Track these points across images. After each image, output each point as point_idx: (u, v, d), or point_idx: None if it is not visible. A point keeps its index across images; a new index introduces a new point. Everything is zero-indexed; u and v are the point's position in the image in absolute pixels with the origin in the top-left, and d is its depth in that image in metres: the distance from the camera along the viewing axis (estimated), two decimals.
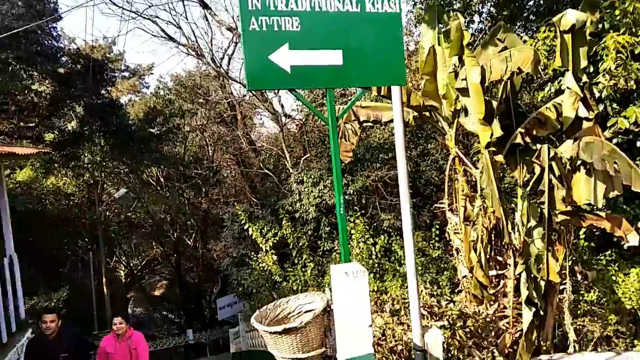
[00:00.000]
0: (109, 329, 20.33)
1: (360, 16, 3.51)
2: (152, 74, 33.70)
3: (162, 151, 24.46)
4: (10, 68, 12.04)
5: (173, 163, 25.46)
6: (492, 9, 13.02)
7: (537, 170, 6.99)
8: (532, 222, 7.16)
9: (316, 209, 10.94)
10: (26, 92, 14.62)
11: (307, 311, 3.63)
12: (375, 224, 10.63)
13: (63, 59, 19.96)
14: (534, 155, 6.71)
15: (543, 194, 6.82)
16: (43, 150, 8.85)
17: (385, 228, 10.97)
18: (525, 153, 7.24)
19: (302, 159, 12.80)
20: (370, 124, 9.27)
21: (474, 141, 11.33)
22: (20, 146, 22.17)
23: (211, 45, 17.71)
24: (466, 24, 6.78)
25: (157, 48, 61.00)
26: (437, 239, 9.46)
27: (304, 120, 14.35)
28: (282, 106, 14.98)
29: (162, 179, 27.93)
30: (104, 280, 24.33)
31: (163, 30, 16.65)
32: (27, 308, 12.41)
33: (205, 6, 16.15)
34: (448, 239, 8.20)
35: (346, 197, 10.95)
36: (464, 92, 7.24)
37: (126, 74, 33.25)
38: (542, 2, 10.07)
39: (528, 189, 7.26)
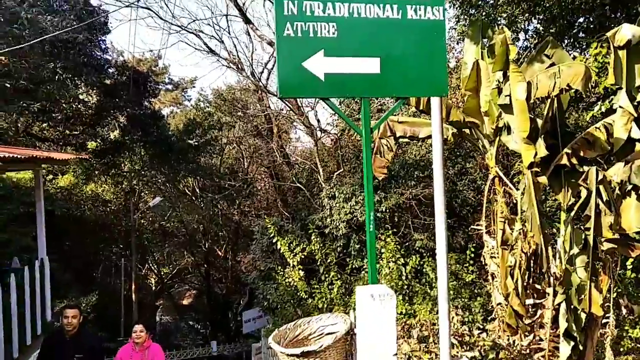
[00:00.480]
0: None
1: (401, 23, 3.33)
2: (194, 87, 34.49)
3: (199, 162, 24.89)
4: (57, 77, 12.45)
5: (209, 174, 25.82)
6: (538, 25, 12.65)
7: (584, 193, 6.57)
8: (575, 249, 6.72)
9: (346, 226, 10.71)
10: (72, 101, 15.12)
11: (328, 333, 3.41)
12: (407, 244, 10.30)
13: (110, 70, 20.71)
14: (581, 178, 6.30)
15: (589, 219, 6.38)
16: (79, 157, 9.00)
17: (417, 248, 10.62)
18: (571, 175, 6.83)
19: (335, 174, 12.63)
20: (406, 139, 9.04)
21: (515, 161, 10.90)
22: (61, 152, 22.99)
23: (251, 59, 18.05)
24: (512, 40, 6.47)
25: (199, 61, 62.67)
26: (471, 262, 9.06)
27: (339, 134, 14.21)
28: (318, 120, 14.93)
29: (197, 190, 28.31)
30: (133, 287, 24.67)
31: (206, 44, 16.97)
32: (57, 312, 12.60)
33: (247, 21, 16.39)
34: (483, 263, 7.81)
35: (378, 214, 10.69)
36: (507, 108, 6.92)
37: (169, 86, 34.17)
38: (592, 18, 9.65)
39: (572, 213, 6.84)
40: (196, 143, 24.72)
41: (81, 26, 11.97)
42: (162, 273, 31.43)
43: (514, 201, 7.35)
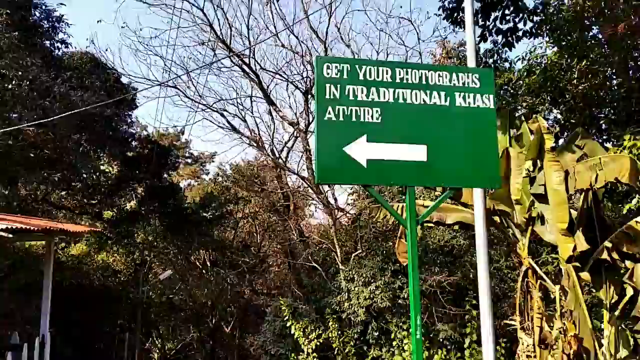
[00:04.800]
0: None
1: (449, 110, 3.20)
2: (213, 161, 35.03)
3: (212, 235, 24.64)
4: (81, 149, 12.66)
5: (222, 248, 25.47)
6: (559, 115, 12.68)
7: (629, 291, 6.12)
8: (624, 352, 6.15)
9: (365, 312, 10.15)
10: (94, 171, 15.34)
11: None
12: (430, 335, 9.66)
13: (133, 143, 21.22)
14: (626, 275, 5.89)
15: (638, 321, 5.90)
16: (93, 230, 8.82)
17: (440, 340, 9.93)
18: (612, 271, 6.42)
19: (353, 255, 12.22)
20: (431, 224, 8.75)
21: (542, 250, 10.44)
22: (79, 221, 23.06)
23: (272, 137, 18.27)
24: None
25: (221, 137, 64.57)
26: (502, 358, 8.38)
27: (357, 214, 13.94)
28: (336, 200, 14.72)
29: (208, 263, 27.83)
30: None
31: (229, 122, 17.33)
32: None
33: (270, 102, 16.86)
34: None
35: (400, 301, 10.14)
36: (542, 198, 6.68)
37: (189, 160, 34.82)
38: (619, 110, 9.61)
39: (617, 312, 6.34)
40: (211, 216, 24.66)
41: (110, 103, 12.33)
42: (166, 348, 30.14)
43: (551, 296, 6.88)
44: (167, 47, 44.45)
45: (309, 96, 15.77)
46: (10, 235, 4.84)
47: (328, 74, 3.16)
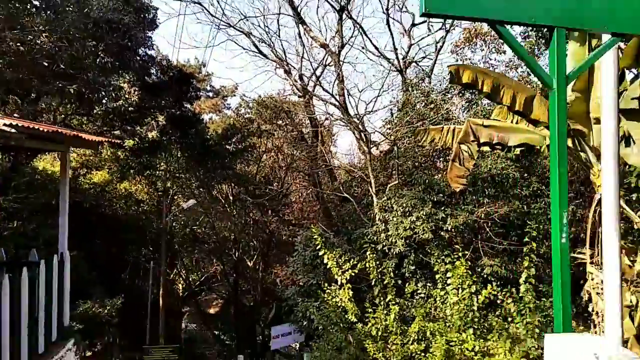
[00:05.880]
0: (159, 343, 19.38)
1: None
2: (234, 95, 34.06)
3: (235, 169, 24.16)
4: (98, 61, 11.74)
5: (244, 181, 25.07)
6: None
7: None
8: None
9: (404, 243, 9.39)
10: (114, 94, 14.49)
11: None
12: (478, 269, 8.91)
13: (153, 70, 20.34)
14: None
15: None
16: (109, 140, 8.08)
17: (484, 275, 9.19)
18: None
19: (389, 185, 11.35)
20: (488, 147, 7.74)
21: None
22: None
23: (301, 62, 17.07)
24: None
25: (245, 65, 62.72)
26: None
27: (393, 143, 12.95)
28: (367, 131, 13.64)
29: (230, 197, 27.56)
30: (161, 292, 23.87)
31: (255, 45, 16.08)
32: (80, 312, 11.68)
33: (301, 21, 15.53)
34: (586, 299, 6.39)
35: (442, 233, 9.34)
36: (632, 115, 5.57)
37: (210, 93, 33.96)
38: None
39: None
40: (234, 149, 24.10)
41: (129, 10, 11.24)
42: (190, 279, 30.65)
43: (632, 228, 5.96)
44: None
45: (344, 14, 14.39)
46: (14, 131, 4.04)
47: None
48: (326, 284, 9.25)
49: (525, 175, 10.19)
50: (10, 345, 5.01)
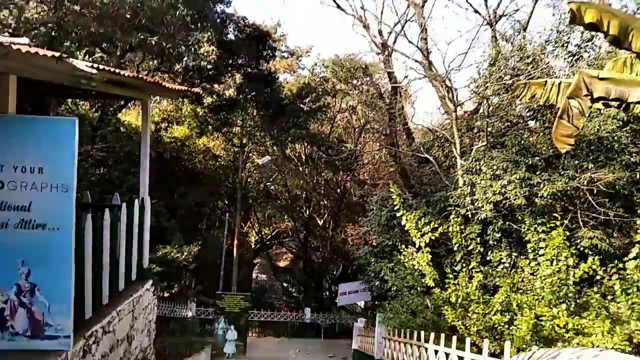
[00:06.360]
0: (232, 290, 20.17)
1: None
2: (309, 56, 33.69)
3: (308, 128, 24.07)
4: (177, 13, 11.65)
5: (317, 140, 24.98)
6: None
7: None
8: None
9: (492, 208, 8.66)
10: (193, 49, 14.55)
11: None
12: (574, 241, 8.04)
13: (230, 28, 20.35)
14: None
15: None
16: (189, 89, 7.98)
17: (581, 248, 8.29)
18: None
19: (476, 147, 10.51)
20: (601, 104, 6.76)
21: None
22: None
23: (381, 15, 16.19)
24: None
25: (321, 22, 61.63)
26: None
27: (479, 102, 11.97)
28: (453, 87, 12.64)
29: (303, 156, 27.68)
30: (235, 242, 24.82)
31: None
32: (159, 256, 12.19)
33: None
34: None
35: (537, 200, 8.47)
36: None
37: (285, 54, 33.86)
38: None
39: None
40: (308, 108, 23.96)
41: None
42: (263, 233, 31.70)
43: None
44: None
45: None
46: (95, 72, 3.92)
47: None
48: (403, 246, 8.82)
49: (636, 140, 8.95)
50: (93, 281, 5.10)
